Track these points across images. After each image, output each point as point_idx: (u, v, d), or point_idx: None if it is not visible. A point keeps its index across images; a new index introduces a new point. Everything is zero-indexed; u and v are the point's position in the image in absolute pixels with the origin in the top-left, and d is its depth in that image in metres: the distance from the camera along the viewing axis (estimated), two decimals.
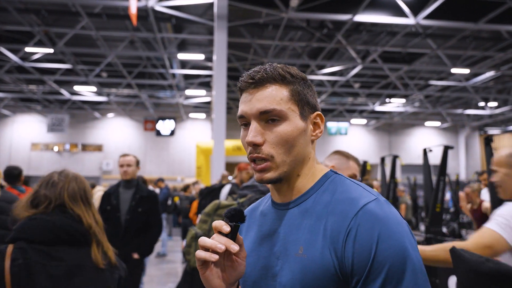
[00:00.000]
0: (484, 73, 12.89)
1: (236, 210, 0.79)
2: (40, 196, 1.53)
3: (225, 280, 0.80)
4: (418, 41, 10.93)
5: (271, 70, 0.84)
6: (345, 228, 0.74)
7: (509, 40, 10.37)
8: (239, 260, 0.80)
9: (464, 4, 8.41)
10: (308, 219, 0.81)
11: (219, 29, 7.34)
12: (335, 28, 9.88)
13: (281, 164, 0.82)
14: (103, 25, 10.44)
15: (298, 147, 0.83)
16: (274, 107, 0.81)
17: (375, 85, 15.12)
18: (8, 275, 1.34)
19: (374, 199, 0.76)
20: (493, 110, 17.43)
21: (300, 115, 0.84)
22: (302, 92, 0.85)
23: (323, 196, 0.83)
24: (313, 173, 0.87)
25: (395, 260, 0.69)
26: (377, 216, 0.73)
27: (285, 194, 0.87)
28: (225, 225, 0.76)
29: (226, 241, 0.76)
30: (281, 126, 0.82)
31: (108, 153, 20.24)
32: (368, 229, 0.71)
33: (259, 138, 0.82)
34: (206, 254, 0.75)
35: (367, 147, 22.02)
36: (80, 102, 18.04)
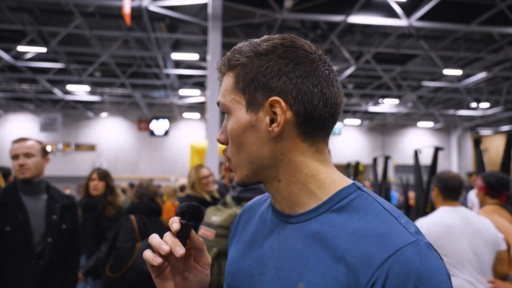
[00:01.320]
0: (476, 74, 13.02)
1: (190, 206, 0.66)
2: (139, 193, 3.14)
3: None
4: (411, 42, 11.02)
5: (230, 54, 0.70)
6: (367, 278, 0.54)
7: (500, 41, 10.50)
8: (198, 267, 0.68)
9: (456, 6, 8.50)
10: (316, 249, 0.61)
11: (213, 30, 7.35)
12: (329, 29, 9.93)
13: (238, 166, 0.69)
14: (96, 25, 10.40)
15: (248, 146, 0.66)
16: (219, 99, 0.70)
17: (369, 86, 15.21)
18: (136, 228, 2.85)
19: (412, 241, 0.55)
20: (485, 111, 17.61)
21: (247, 106, 0.66)
22: (251, 74, 0.65)
23: (341, 220, 0.61)
24: (310, 182, 0.66)
25: None
26: (414, 267, 0.52)
27: (280, 202, 0.69)
28: (176, 223, 0.64)
29: (172, 242, 0.63)
30: (229, 123, 0.68)
31: (102, 153, 20.15)
32: (399, 283, 0.52)
33: (222, 136, 0.71)
34: (149, 256, 0.63)
35: (360, 147, 22.15)
36: (73, 102, 17.94)
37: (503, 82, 14.63)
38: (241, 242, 0.77)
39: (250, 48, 0.69)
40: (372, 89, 15.44)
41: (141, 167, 20.02)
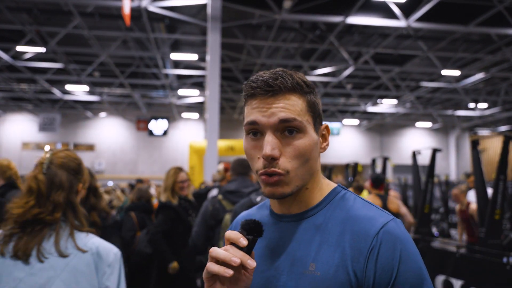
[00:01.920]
0: (474, 75, 13.07)
1: (255, 223, 0.73)
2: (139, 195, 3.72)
3: None
4: (410, 43, 11.05)
5: (289, 78, 0.78)
6: (367, 247, 0.71)
7: (498, 42, 10.54)
8: (247, 274, 0.74)
9: (455, 7, 8.54)
10: (320, 236, 0.77)
11: (212, 30, 7.37)
12: (327, 30, 9.96)
13: (295, 178, 0.77)
14: (95, 25, 10.40)
15: (312, 160, 0.79)
16: (296, 117, 0.76)
17: (367, 86, 15.25)
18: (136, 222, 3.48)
19: (392, 219, 0.75)
20: (483, 112, 17.66)
21: (314, 127, 0.80)
22: (316, 103, 0.81)
23: (335, 212, 0.79)
24: (320, 187, 0.84)
25: (414, 281, 0.70)
26: (398, 236, 0.72)
27: (290, 206, 0.82)
28: (243, 238, 0.70)
29: (242, 256, 0.70)
30: (300, 139, 0.76)
31: (100, 153, 20.14)
32: (390, 249, 0.71)
33: (276, 152, 0.75)
34: (219, 269, 0.69)
35: (359, 148, 22.19)
36: (72, 102, 17.93)
37: (501, 83, 14.68)
38: None
39: (309, 81, 0.82)
40: (371, 90, 15.47)
41: (139, 167, 20.02)
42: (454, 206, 10.80)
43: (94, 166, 19.81)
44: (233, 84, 14.79)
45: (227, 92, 15.76)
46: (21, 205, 1.28)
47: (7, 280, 1.21)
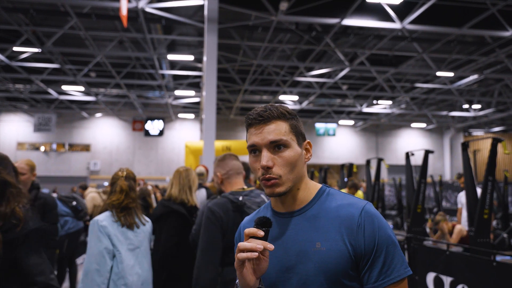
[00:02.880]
0: (468, 77, 13.20)
1: (266, 218, 0.98)
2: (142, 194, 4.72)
3: (255, 276, 0.98)
4: (404, 44, 11.15)
5: (275, 109, 1.07)
6: (356, 224, 1.01)
7: (492, 44, 10.66)
8: (265, 258, 0.98)
9: (449, 10, 8.63)
10: (319, 222, 1.05)
11: (209, 32, 7.40)
12: (323, 31, 10.03)
13: (287, 181, 1.05)
14: (92, 25, 10.41)
15: (298, 167, 1.07)
16: (281, 137, 1.05)
17: (363, 87, 15.34)
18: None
19: (367, 203, 1.06)
20: (477, 112, 17.83)
21: (297, 143, 1.09)
22: (297, 125, 1.11)
23: (325, 204, 1.08)
24: (309, 187, 1.12)
25: (389, 242, 1.00)
26: (373, 213, 1.02)
27: (289, 204, 1.10)
28: (259, 230, 0.96)
29: (262, 243, 0.95)
30: (286, 152, 1.05)
31: (96, 153, 20.11)
32: (371, 223, 1.01)
33: (270, 163, 1.04)
34: (247, 254, 0.93)
35: (354, 148, 22.29)
36: (67, 102, 17.89)
37: (494, 84, 14.83)
38: None
39: (290, 110, 1.10)
40: (366, 90, 15.57)
41: (135, 167, 20.00)
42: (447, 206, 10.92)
43: (89, 166, 19.77)
44: (229, 85, 14.83)
45: (224, 92, 15.80)
46: (118, 198, 2.38)
47: (125, 238, 2.33)
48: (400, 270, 1.00)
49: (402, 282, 1.01)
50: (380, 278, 1.00)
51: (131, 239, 2.35)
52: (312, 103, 17.61)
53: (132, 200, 2.42)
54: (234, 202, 2.13)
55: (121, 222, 2.33)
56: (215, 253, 2.04)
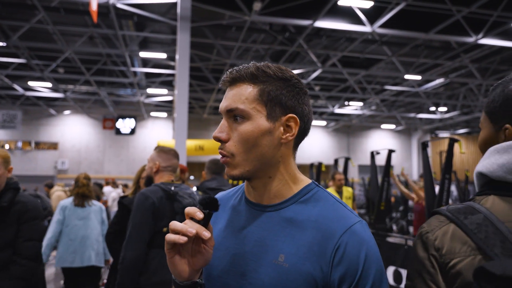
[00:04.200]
0: (435, 80, 13.68)
1: (211, 198, 0.79)
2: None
3: (191, 266, 0.80)
4: (375, 47, 11.44)
5: (245, 68, 0.86)
6: (333, 245, 0.76)
7: (457, 49, 11.10)
8: (207, 248, 0.80)
9: (417, 15, 8.92)
10: (291, 229, 0.81)
11: (182, 30, 7.34)
12: (296, 33, 10.15)
13: (241, 162, 0.84)
14: (60, 20, 10.11)
15: (261, 147, 0.83)
16: (238, 105, 0.83)
17: (335, 88, 15.61)
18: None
19: (359, 221, 0.80)
20: (443, 115, 18.50)
21: (267, 116, 0.83)
22: (275, 93, 0.84)
23: (306, 208, 0.84)
24: (290, 180, 0.87)
25: (376, 279, 0.75)
26: (363, 237, 0.77)
27: (261, 194, 0.88)
28: (199, 212, 0.76)
29: (198, 227, 0.75)
30: (243, 125, 0.83)
31: (64, 152, 19.52)
32: (355, 248, 0.75)
33: (223, 135, 0.84)
34: (175, 236, 0.74)
35: (326, 148, 22.66)
36: (34, 98, 17.27)
37: (459, 88, 15.43)
38: (216, 229, 0.94)
39: (273, 71, 0.86)
40: (338, 92, 15.85)
41: (105, 167, 19.55)
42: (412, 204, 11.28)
43: (57, 165, 19.17)
44: (203, 84, 14.75)
45: (197, 91, 15.70)
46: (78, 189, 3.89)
47: (75, 213, 3.82)
48: None
49: None
50: None
51: (79, 213, 3.82)
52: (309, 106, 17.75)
53: (88, 191, 3.91)
54: (166, 190, 2.25)
55: (75, 203, 3.83)
56: (144, 233, 2.11)
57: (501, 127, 0.88)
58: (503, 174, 0.80)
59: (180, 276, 0.79)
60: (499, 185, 0.81)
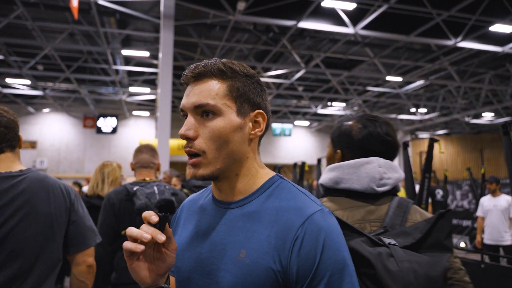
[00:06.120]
0: (415, 82, 13.93)
1: (166, 201, 0.77)
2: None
3: (154, 272, 0.78)
4: (357, 49, 11.58)
5: (212, 64, 0.85)
6: (292, 237, 0.75)
7: (437, 52, 11.34)
8: (168, 252, 0.78)
9: (398, 18, 9.07)
10: (252, 224, 0.80)
11: (165, 28, 7.28)
12: (280, 33, 10.18)
13: (213, 160, 0.82)
14: (40, 15, 9.87)
15: (233, 144, 0.82)
16: (208, 101, 0.81)
17: (318, 89, 15.73)
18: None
19: (319, 210, 0.78)
20: (423, 116, 18.87)
21: (237, 112, 0.83)
22: (243, 89, 0.84)
23: (269, 201, 0.83)
24: (255, 175, 0.87)
25: (335, 269, 0.73)
26: (322, 227, 0.75)
27: (226, 192, 0.87)
28: (154, 215, 0.74)
29: (153, 231, 0.73)
30: (214, 121, 0.81)
31: (42, 151, 19.08)
32: (313, 239, 0.74)
33: (191, 132, 0.82)
34: (132, 245, 0.73)
35: (309, 148, 22.82)
36: (12, 96, 16.83)
37: (439, 90, 15.76)
38: (186, 230, 0.94)
39: (239, 68, 0.87)
40: (321, 92, 15.98)
41: (86, 166, 19.20)
42: None
43: (35, 164, 18.73)
44: None
45: (180, 90, 15.57)
46: None
47: None
48: None
49: None
50: None
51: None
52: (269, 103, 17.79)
53: None
54: (128, 190, 2.30)
55: None
56: (104, 234, 2.12)
57: (336, 151, 1.31)
58: (331, 184, 1.20)
59: (143, 282, 0.77)
60: (330, 190, 1.22)
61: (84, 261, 1.65)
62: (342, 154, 1.28)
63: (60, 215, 1.56)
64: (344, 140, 1.29)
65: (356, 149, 1.25)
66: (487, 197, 5.63)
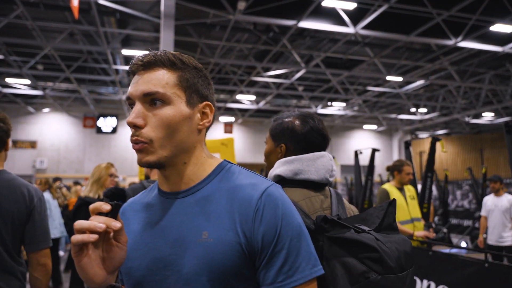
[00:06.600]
0: (415, 82, 13.93)
1: (117, 189, 0.75)
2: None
3: (105, 269, 0.74)
4: (358, 49, 11.57)
5: (162, 54, 0.85)
6: (253, 209, 0.80)
7: (437, 52, 11.34)
8: (119, 245, 0.75)
9: (398, 18, 9.07)
10: (209, 206, 0.83)
11: (165, 28, 7.27)
12: (280, 32, 10.18)
13: (160, 148, 0.82)
14: (40, 15, 9.87)
15: (181, 133, 0.84)
16: (158, 89, 0.81)
17: (318, 89, 15.73)
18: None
19: (272, 184, 0.85)
20: (423, 116, 18.87)
21: (186, 102, 0.85)
22: (192, 80, 0.87)
23: (222, 184, 0.86)
24: (204, 163, 0.90)
25: (293, 233, 0.79)
26: (278, 197, 0.82)
27: (175, 182, 0.88)
28: (105, 204, 0.72)
29: (106, 220, 0.71)
30: (163, 110, 0.82)
31: (42, 151, 19.07)
32: (272, 209, 0.80)
33: (139, 120, 0.81)
34: (83, 236, 0.69)
35: None
36: (12, 96, 16.81)
37: (439, 90, 15.76)
38: (132, 230, 0.91)
39: (188, 60, 0.88)
40: (321, 92, 15.98)
41: (86, 166, 19.19)
42: None
43: (35, 164, 18.72)
44: None
45: None
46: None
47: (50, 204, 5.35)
48: (306, 270, 0.79)
49: (308, 284, 0.79)
50: (278, 280, 0.78)
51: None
52: (269, 103, 17.80)
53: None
54: (145, 187, 2.40)
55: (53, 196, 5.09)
56: None
57: (279, 145, 1.39)
58: (290, 175, 1.28)
59: (93, 281, 0.73)
60: (289, 181, 1.28)
61: (38, 260, 1.81)
62: (286, 148, 1.39)
63: (20, 213, 1.75)
64: (288, 135, 1.39)
65: (299, 142, 1.37)
66: (490, 197, 5.51)
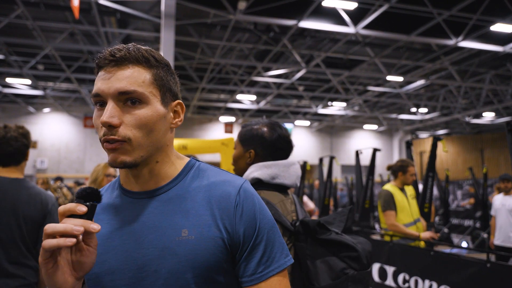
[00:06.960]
0: (416, 82, 13.92)
1: (91, 189, 0.71)
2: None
3: (74, 275, 0.71)
4: (358, 48, 11.57)
5: (135, 50, 0.81)
6: (233, 205, 0.82)
7: (437, 52, 11.33)
8: (90, 249, 0.71)
9: (399, 17, 9.06)
10: (186, 204, 0.82)
11: (166, 28, 7.27)
12: (281, 32, 10.17)
13: (138, 147, 0.80)
14: (40, 15, 9.88)
15: (157, 132, 0.82)
16: (136, 88, 0.78)
17: (318, 89, 15.73)
18: None
19: (245, 181, 0.89)
20: (424, 116, 18.86)
21: (161, 101, 0.83)
22: (165, 78, 0.85)
23: (195, 182, 0.86)
24: (174, 161, 0.89)
25: (269, 225, 0.85)
26: (253, 193, 0.87)
27: (146, 180, 0.85)
28: (80, 205, 0.68)
29: (83, 222, 0.67)
30: (142, 110, 0.79)
31: (43, 151, 19.08)
32: (251, 204, 0.84)
33: (115, 120, 0.77)
34: (59, 240, 0.64)
35: (310, 148, 22.81)
36: (12, 95, 16.82)
37: (439, 89, 15.76)
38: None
39: (158, 57, 0.86)
40: (322, 92, 15.98)
41: (86, 166, 19.20)
42: None
43: (36, 164, 18.73)
44: (186, 83, 14.64)
45: (181, 90, 15.51)
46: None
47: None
48: (280, 260, 0.84)
49: (282, 272, 0.84)
50: (258, 270, 0.81)
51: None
52: (269, 103, 17.80)
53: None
54: None
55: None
56: None
57: (249, 150, 1.49)
58: (268, 178, 1.39)
59: None
60: (266, 184, 1.39)
61: None
62: (256, 153, 1.49)
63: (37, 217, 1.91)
64: (257, 141, 1.49)
65: (268, 148, 1.48)
66: (500, 196, 5.32)
